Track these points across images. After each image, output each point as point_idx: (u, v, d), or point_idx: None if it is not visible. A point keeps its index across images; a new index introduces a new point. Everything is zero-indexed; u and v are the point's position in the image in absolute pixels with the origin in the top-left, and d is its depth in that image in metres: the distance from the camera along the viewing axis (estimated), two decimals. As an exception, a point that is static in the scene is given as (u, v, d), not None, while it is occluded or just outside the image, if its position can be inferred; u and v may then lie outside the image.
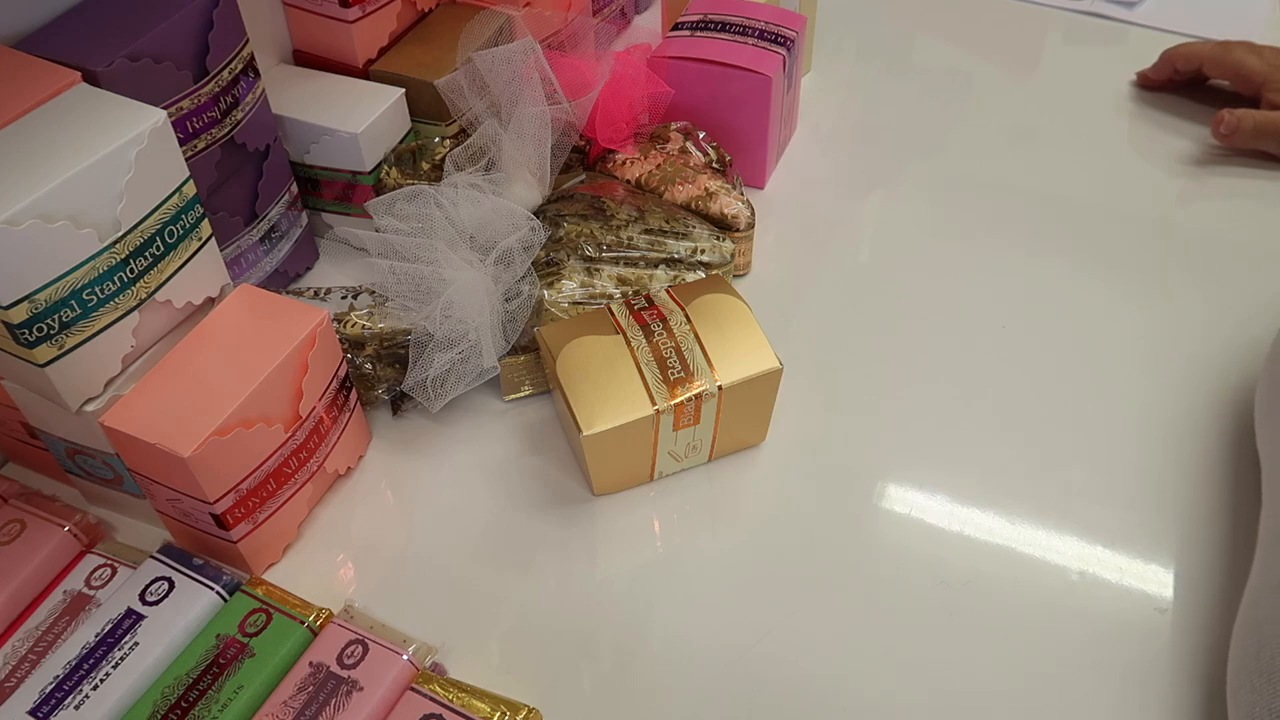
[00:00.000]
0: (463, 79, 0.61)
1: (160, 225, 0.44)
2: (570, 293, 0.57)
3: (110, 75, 0.46)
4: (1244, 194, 0.71)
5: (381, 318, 0.55)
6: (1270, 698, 0.39)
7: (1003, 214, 0.70)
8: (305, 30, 0.64)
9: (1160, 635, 0.47)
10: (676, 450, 0.52)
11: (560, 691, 0.46)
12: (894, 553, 0.51)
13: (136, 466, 0.46)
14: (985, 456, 0.55)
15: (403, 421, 0.57)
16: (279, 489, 0.48)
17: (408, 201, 0.56)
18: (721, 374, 0.50)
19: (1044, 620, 0.48)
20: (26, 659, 0.45)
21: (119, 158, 0.42)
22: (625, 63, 0.64)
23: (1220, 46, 0.76)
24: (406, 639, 0.44)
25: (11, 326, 0.40)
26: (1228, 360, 0.59)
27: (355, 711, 0.41)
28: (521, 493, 0.54)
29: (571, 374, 0.50)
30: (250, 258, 0.59)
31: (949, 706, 0.45)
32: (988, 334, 0.61)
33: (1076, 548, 0.51)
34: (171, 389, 0.45)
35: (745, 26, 0.68)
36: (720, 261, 0.59)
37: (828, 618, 0.48)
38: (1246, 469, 0.53)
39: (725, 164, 0.66)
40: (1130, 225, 0.69)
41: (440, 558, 0.51)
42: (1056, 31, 0.88)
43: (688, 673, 0.46)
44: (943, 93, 0.81)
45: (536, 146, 0.59)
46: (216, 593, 0.46)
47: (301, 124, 0.61)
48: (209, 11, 0.50)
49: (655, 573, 0.50)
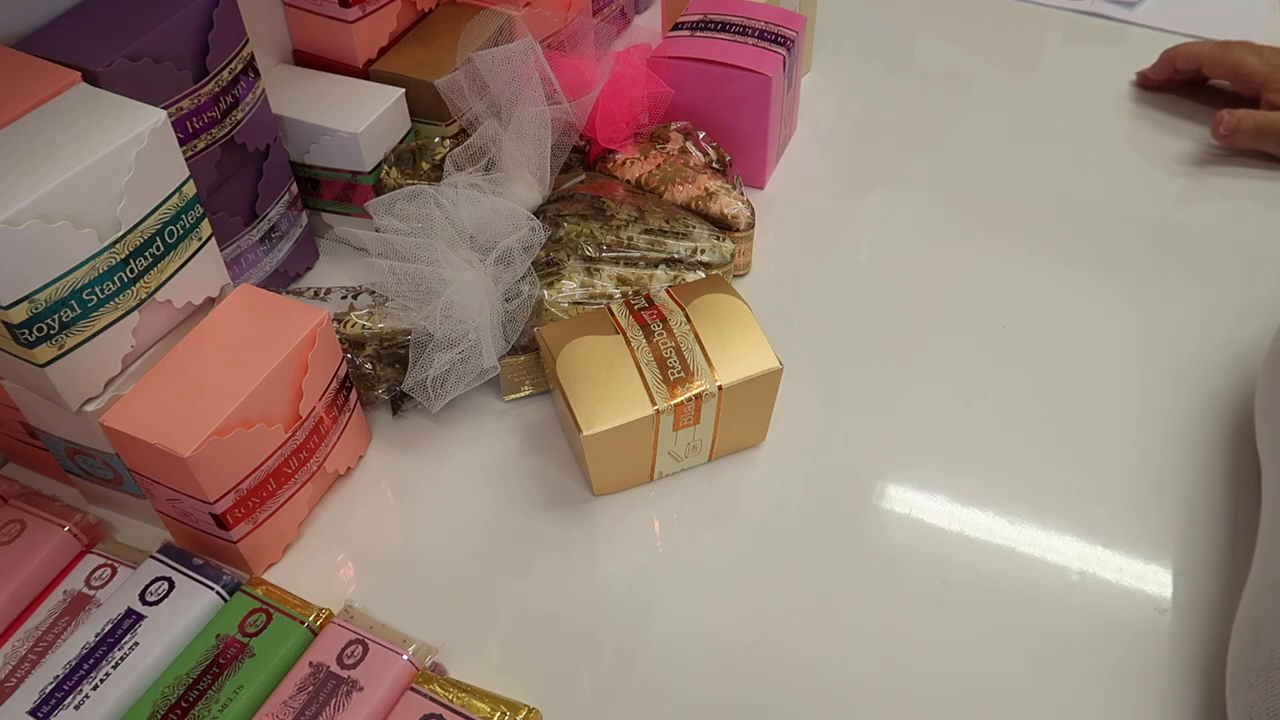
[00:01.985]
0: (463, 79, 0.61)
1: (160, 225, 0.44)
2: (570, 293, 0.57)
3: (110, 75, 0.46)
4: (1244, 194, 0.71)
5: (381, 318, 0.55)
6: (1269, 697, 0.39)
7: (1003, 214, 0.70)
8: (305, 30, 0.64)
9: (1160, 635, 0.47)
10: (676, 450, 0.52)
11: (560, 691, 0.46)
12: (894, 553, 0.51)
13: (136, 466, 0.46)
14: (985, 456, 0.55)
15: (403, 421, 0.57)
16: (279, 489, 0.48)
17: (408, 201, 0.56)
18: (721, 374, 0.50)
19: (1044, 620, 0.48)
20: (26, 659, 0.45)
21: (119, 158, 0.42)
22: (625, 63, 0.64)
23: (1220, 46, 0.76)
24: (406, 639, 0.44)
25: (11, 326, 0.40)
26: (1227, 360, 0.59)
27: (355, 711, 0.41)
28: (521, 493, 0.54)
29: (571, 374, 0.50)
30: (250, 258, 0.59)
31: (949, 706, 0.45)
32: (988, 334, 0.61)
33: (1076, 547, 0.51)
34: (171, 389, 0.45)
35: (745, 26, 0.68)
36: (720, 261, 0.59)
37: (828, 617, 0.48)
38: (1246, 469, 0.53)
39: (725, 164, 0.66)
40: (1130, 225, 0.69)
41: (440, 558, 0.51)
42: (1056, 31, 0.88)
43: (688, 673, 0.46)
44: (943, 93, 0.81)
45: (536, 146, 0.59)
46: (216, 593, 0.46)
47: (301, 124, 0.61)
48: (209, 11, 0.50)
49: (655, 573, 0.50)
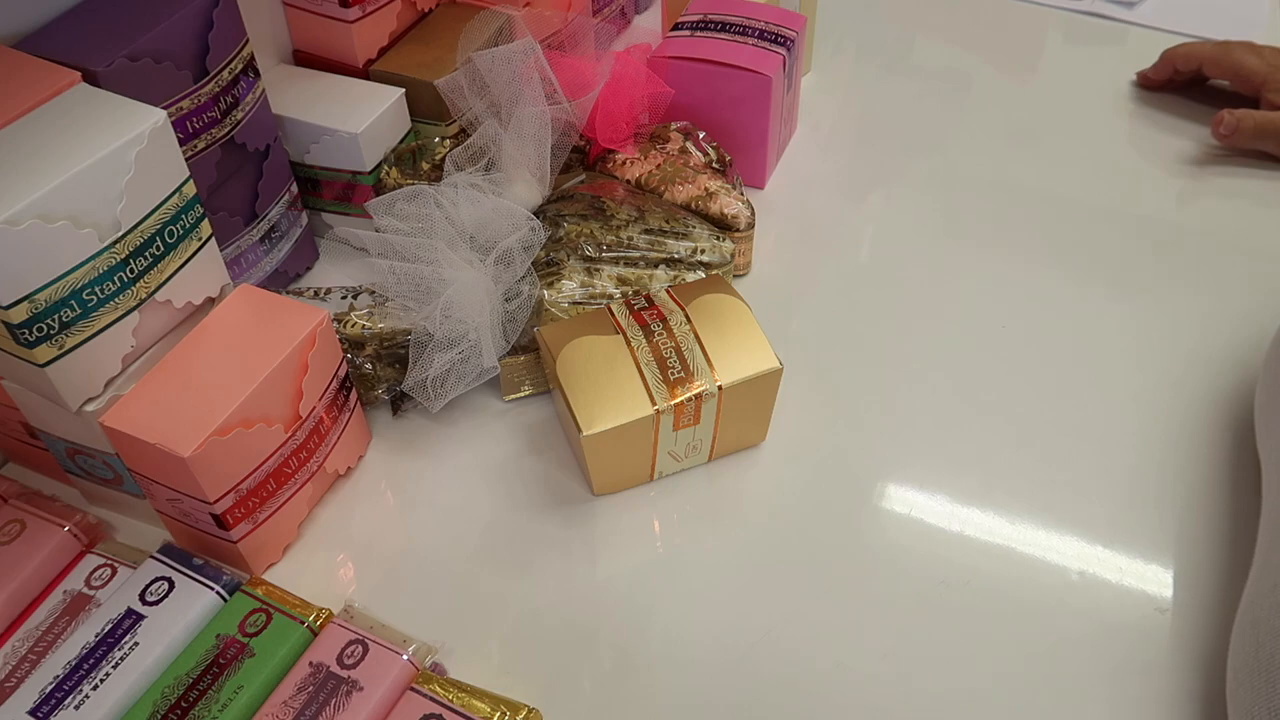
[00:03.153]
0: (463, 79, 0.61)
1: (160, 225, 0.44)
2: (570, 293, 0.57)
3: (110, 75, 0.46)
4: (1244, 194, 0.71)
5: (381, 318, 0.55)
6: (1269, 697, 0.39)
7: (1002, 214, 0.70)
8: (305, 30, 0.64)
9: (1160, 635, 0.47)
10: (676, 450, 0.52)
11: (560, 691, 0.46)
12: (894, 553, 0.51)
13: (136, 466, 0.46)
14: (985, 456, 0.55)
15: (403, 421, 0.57)
16: (279, 489, 0.48)
17: (408, 201, 0.56)
18: (721, 374, 0.50)
19: (1044, 620, 0.48)
20: (26, 659, 0.45)
21: (119, 158, 0.42)
22: (625, 63, 0.64)
23: (1220, 46, 0.76)
24: (406, 639, 0.44)
25: (11, 326, 0.40)
26: (1227, 360, 0.59)
27: (355, 711, 0.41)
28: (521, 493, 0.54)
29: (571, 374, 0.50)
30: (250, 258, 0.59)
31: (949, 706, 0.45)
32: (988, 333, 0.61)
33: (1076, 547, 0.51)
34: (171, 389, 0.45)
35: (745, 26, 0.68)
36: (720, 261, 0.59)
37: (828, 617, 0.48)
38: (1246, 469, 0.53)
39: (725, 164, 0.66)
40: (1130, 225, 0.69)
41: (440, 558, 0.51)
42: (1056, 31, 0.88)
43: (688, 673, 0.46)
44: (942, 93, 0.81)
45: (536, 146, 0.59)
46: (216, 593, 0.46)
47: (301, 124, 0.61)
48: (209, 11, 0.50)
49: (655, 573, 0.50)
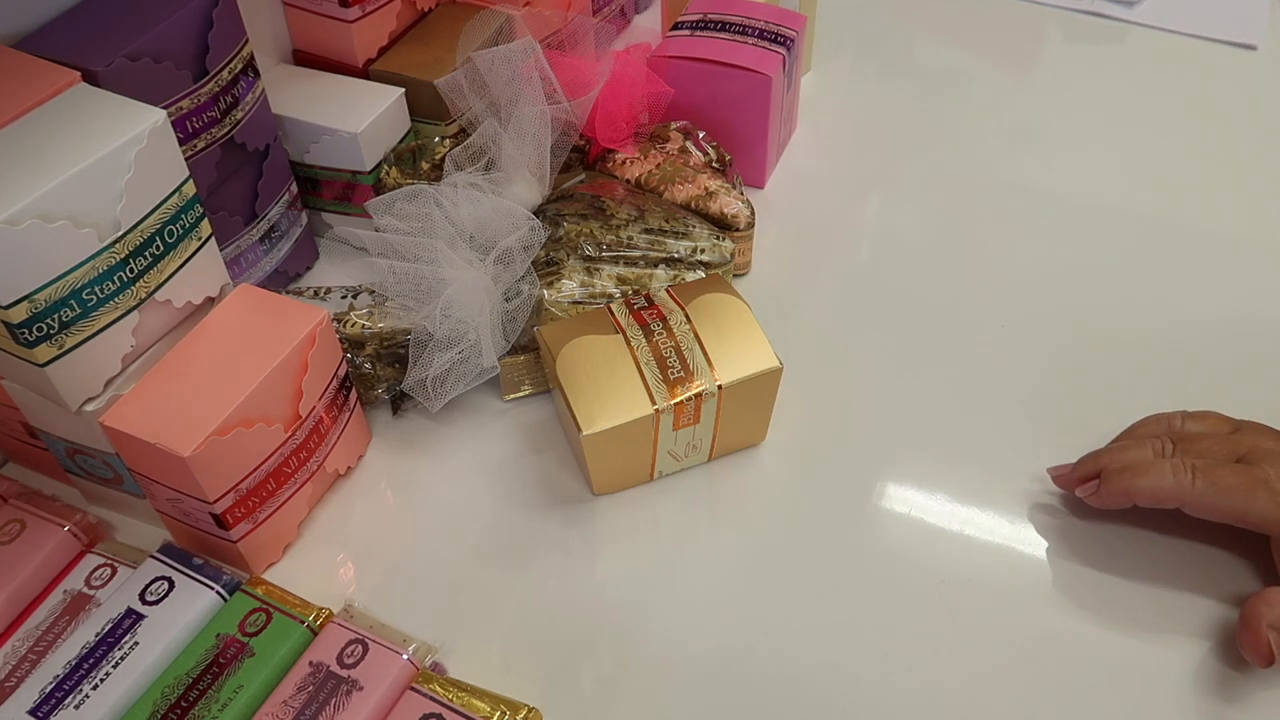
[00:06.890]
0: (463, 79, 0.60)
1: (160, 225, 0.44)
2: (570, 292, 0.57)
3: (110, 75, 0.46)
4: (1244, 192, 0.71)
5: (381, 317, 0.55)
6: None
7: (1002, 213, 0.70)
8: (305, 30, 0.64)
9: (1160, 634, 0.47)
10: (676, 450, 0.52)
11: (560, 691, 0.46)
12: (894, 552, 0.51)
13: (136, 466, 0.46)
14: (986, 456, 0.55)
15: (403, 421, 0.57)
16: (279, 489, 0.48)
17: (408, 201, 0.56)
18: (721, 373, 0.50)
19: (1044, 620, 0.48)
20: (26, 659, 0.45)
21: (119, 158, 0.42)
22: (625, 62, 0.64)
23: None
24: (406, 639, 0.44)
25: (11, 326, 0.40)
26: (1227, 360, 0.59)
27: (355, 711, 0.41)
28: (521, 492, 0.54)
29: (571, 373, 0.50)
30: (250, 257, 0.59)
31: (949, 706, 0.45)
32: (987, 333, 0.61)
33: (1077, 547, 0.51)
34: (171, 389, 0.45)
35: (745, 26, 0.68)
36: (720, 261, 0.59)
37: (828, 617, 0.48)
38: (1246, 469, 0.53)
39: (725, 164, 0.66)
40: (1130, 224, 0.69)
41: (440, 558, 0.51)
42: (1056, 31, 0.88)
43: (688, 673, 0.46)
44: (943, 92, 0.81)
45: (536, 146, 0.59)
46: (216, 592, 0.46)
47: (301, 124, 0.61)
48: (209, 11, 0.50)
49: (655, 572, 0.50)
